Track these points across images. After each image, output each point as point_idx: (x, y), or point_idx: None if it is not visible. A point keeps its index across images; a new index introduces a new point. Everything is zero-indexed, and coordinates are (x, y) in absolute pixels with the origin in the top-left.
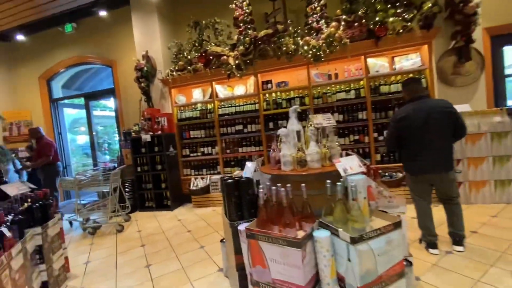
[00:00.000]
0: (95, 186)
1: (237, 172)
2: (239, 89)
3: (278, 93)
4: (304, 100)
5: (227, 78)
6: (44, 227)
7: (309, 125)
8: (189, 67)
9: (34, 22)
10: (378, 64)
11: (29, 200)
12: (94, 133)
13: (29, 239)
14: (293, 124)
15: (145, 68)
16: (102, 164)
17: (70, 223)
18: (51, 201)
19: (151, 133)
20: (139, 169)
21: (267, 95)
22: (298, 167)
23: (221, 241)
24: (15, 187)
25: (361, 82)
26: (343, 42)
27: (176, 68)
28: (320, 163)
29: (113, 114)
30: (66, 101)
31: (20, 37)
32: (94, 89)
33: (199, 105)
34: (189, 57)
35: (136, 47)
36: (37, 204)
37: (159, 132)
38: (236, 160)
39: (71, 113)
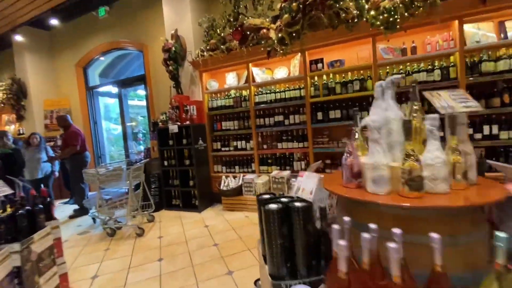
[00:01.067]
0: (116, 181)
1: (275, 173)
2: (280, 72)
3: (331, 76)
4: (366, 84)
5: (266, 57)
6: (26, 242)
7: (412, 114)
8: (222, 46)
9: (69, 7)
10: (479, 32)
11: (8, 206)
12: (129, 123)
13: (1, 260)
14: (390, 108)
15: (174, 49)
16: (134, 155)
17: (94, 219)
18: (41, 206)
19: (178, 123)
20: (165, 163)
21: (316, 78)
22: (405, 188)
23: (255, 283)
24: None
25: (451, 58)
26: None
27: (208, 47)
28: (447, 184)
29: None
30: (102, 90)
31: (55, 22)
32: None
33: (232, 92)
34: (222, 34)
35: (165, 26)
36: (20, 212)
37: (188, 122)
38: (274, 158)
39: (109, 103)
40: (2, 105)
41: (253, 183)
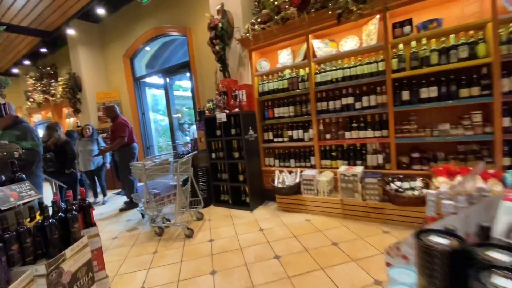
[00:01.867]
0: (163, 175)
1: (344, 169)
2: (348, 43)
3: (423, 41)
4: (476, 49)
5: (334, 23)
6: (55, 261)
7: None
8: (276, 17)
9: None
10: None
11: (38, 213)
12: (176, 114)
13: (24, 286)
14: None
15: (220, 25)
16: (181, 146)
17: (142, 214)
18: (75, 213)
19: (227, 111)
20: (213, 155)
21: (400, 45)
22: None
23: None
24: (8, 194)
25: None
26: None
27: (259, 19)
28: None
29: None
30: (149, 81)
31: (101, 12)
32: None
33: (287, 72)
34: (276, 2)
35: (210, 1)
36: (50, 222)
37: (237, 109)
38: (341, 150)
39: (156, 93)
40: (61, 99)
41: (314, 180)
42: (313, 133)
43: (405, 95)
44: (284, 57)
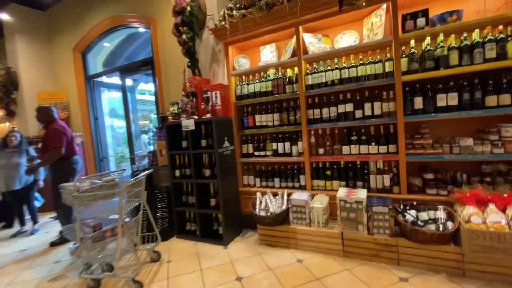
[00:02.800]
0: (104, 200)
1: (344, 192)
2: (345, 39)
3: (441, 37)
4: (507, 48)
5: (333, 10)
6: None
7: None
8: (259, 1)
9: None
10: None
11: None
12: (143, 121)
13: None
14: None
15: (189, 9)
16: (138, 159)
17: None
18: None
19: (195, 117)
20: (177, 173)
21: (411, 42)
22: None
23: None
24: None
25: None
26: None
27: (238, 4)
28: None
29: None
30: (106, 81)
31: None
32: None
33: (271, 72)
34: None
35: None
36: None
37: (208, 115)
38: (337, 168)
39: (117, 96)
40: None
41: (306, 207)
42: (303, 146)
43: (418, 103)
44: (268, 54)
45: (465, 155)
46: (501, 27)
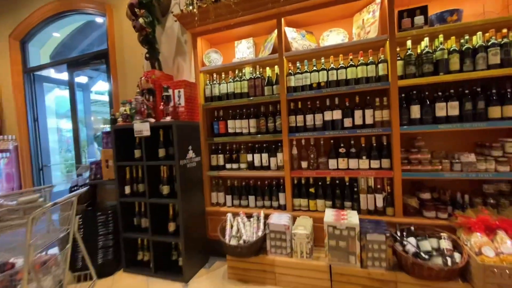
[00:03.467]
0: (12, 229)
1: (331, 215)
2: (332, 38)
3: (440, 38)
4: (511, 52)
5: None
6: None
7: None
8: None
9: None
10: None
11: None
12: (100, 125)
13: None
14: None
15: None
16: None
17: None
18: None
19: (152, 119)
20: (127, 190)
21: (408, 42)
22: None
23: None
24: None
25: None
26: None
27: None
28: None
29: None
30: (54, 75)
31: None
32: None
33: (247, 71)
34: None
35: None
36: None
37: (169, 118)
38: (322, 185)
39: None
40: None
41: (287, 233)
42: (283, 159)
43: (415, 112)
44: (244, 50)
45: (467, 173)
46: (504, 30)
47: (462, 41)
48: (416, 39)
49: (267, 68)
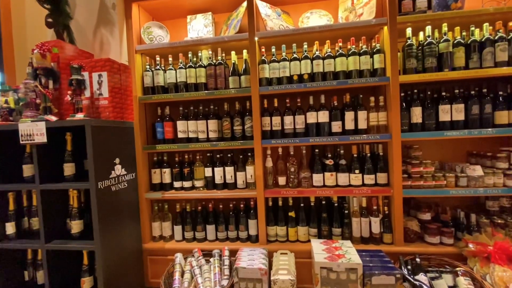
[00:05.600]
0: None
1: (321, 253)
2: (314, 21)
3: (444, 27)
4: None
5: None
6: None
7: None
8: None
9: None
10: None
11: None
12: None
13: None
14: None
15: None
16: None
17: None
18: None
19: (53, 117)
20: (10, 229)
21: (408, 31)
22: None
23: None
24: None
25: None
26: None
27: None
28: None
29: None
30: None
31: None
32: None
33: (205, 54)
34: None
35: None
36: None
37: (80, 115)
38: (304, 206)
39: None
40: None
41: (264, 280)
42: (254, 173)
43: (417, 115)
44: (199, 28)
45: (475, 189)
46: (511, 23)
47: (464, 33)
48: (416, 27)
49: (233, 53)
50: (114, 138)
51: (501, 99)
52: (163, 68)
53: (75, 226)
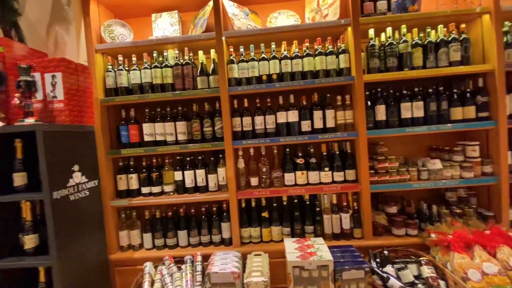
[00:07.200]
0: None
1: (293, 252)
2: (282, 21)
3: (403, 29)
4: (469, 50)
5: None
6: None
7: None
8: None
9: None
10: None
11: None
12: None
13: None
14: None
15: None
16: None
17: None
18: None
19: (0, 123)
20: None
21: (370, 32)
22: None
23: None
24: None
25: None
26: None
27: None
28: None
29: None
30: None
31: None
32: None
33: (171, 54)
34: None
35: None
36: None
37: (31, 120)
38: (277, 206)
39: None
40: None
41: (237, 284)
42: (226, 175)
43: (381, 112)
44: (165, 26)
45: (435, 182)
46: (463, 25)
47: (421, 35)
48: (378, 28)
49: (200, 53)
50: (71, 143)
51: (455, 96)
52: (126, 68)
53: (28, 241)
